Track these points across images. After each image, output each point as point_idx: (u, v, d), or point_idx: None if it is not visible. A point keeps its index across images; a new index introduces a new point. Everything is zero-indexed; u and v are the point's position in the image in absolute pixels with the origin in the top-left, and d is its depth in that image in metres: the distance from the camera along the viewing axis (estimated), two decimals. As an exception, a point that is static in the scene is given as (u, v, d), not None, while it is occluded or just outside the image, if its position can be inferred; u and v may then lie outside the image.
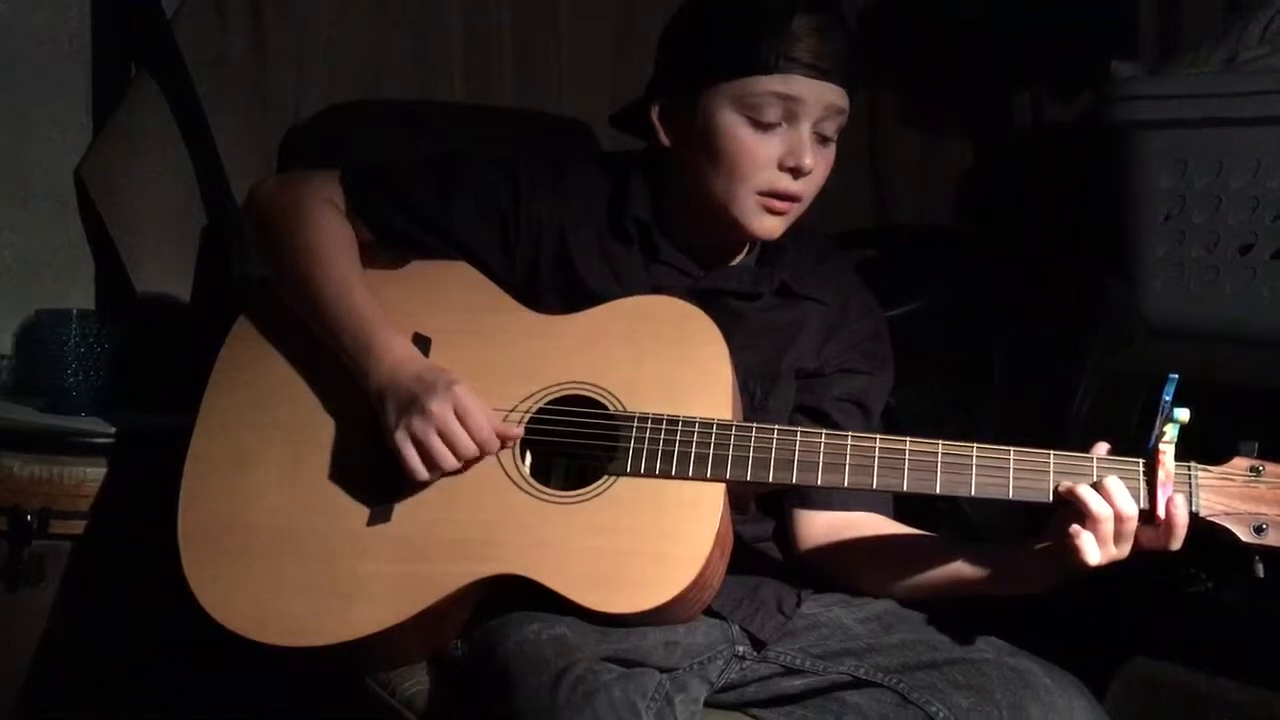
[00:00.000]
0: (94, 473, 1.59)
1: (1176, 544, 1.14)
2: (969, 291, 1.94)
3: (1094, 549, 1.12)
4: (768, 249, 1.38)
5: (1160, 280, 1.87)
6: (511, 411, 1.26)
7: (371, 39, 2.09)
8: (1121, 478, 1.14)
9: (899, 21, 2.46)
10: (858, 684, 1.22)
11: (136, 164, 1.88)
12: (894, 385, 1.42)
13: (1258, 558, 1.15)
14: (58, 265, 1.93)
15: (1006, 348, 1.87)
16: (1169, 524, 1.13)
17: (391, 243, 1.36)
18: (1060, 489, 1.15)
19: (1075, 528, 1.12)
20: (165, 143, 1.88)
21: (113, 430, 1.63)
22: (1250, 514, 1.13)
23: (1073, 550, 1.12)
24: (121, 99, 1.90)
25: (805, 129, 1.26)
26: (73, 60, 1.92)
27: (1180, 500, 1.13)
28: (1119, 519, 1.12)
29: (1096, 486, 1.13)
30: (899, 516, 1.36)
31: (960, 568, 1.27)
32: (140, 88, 1.89)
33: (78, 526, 1.59)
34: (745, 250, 1.39)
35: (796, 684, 1.26)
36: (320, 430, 1.29)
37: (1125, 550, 1.14)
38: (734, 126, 1.27)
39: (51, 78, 1.91)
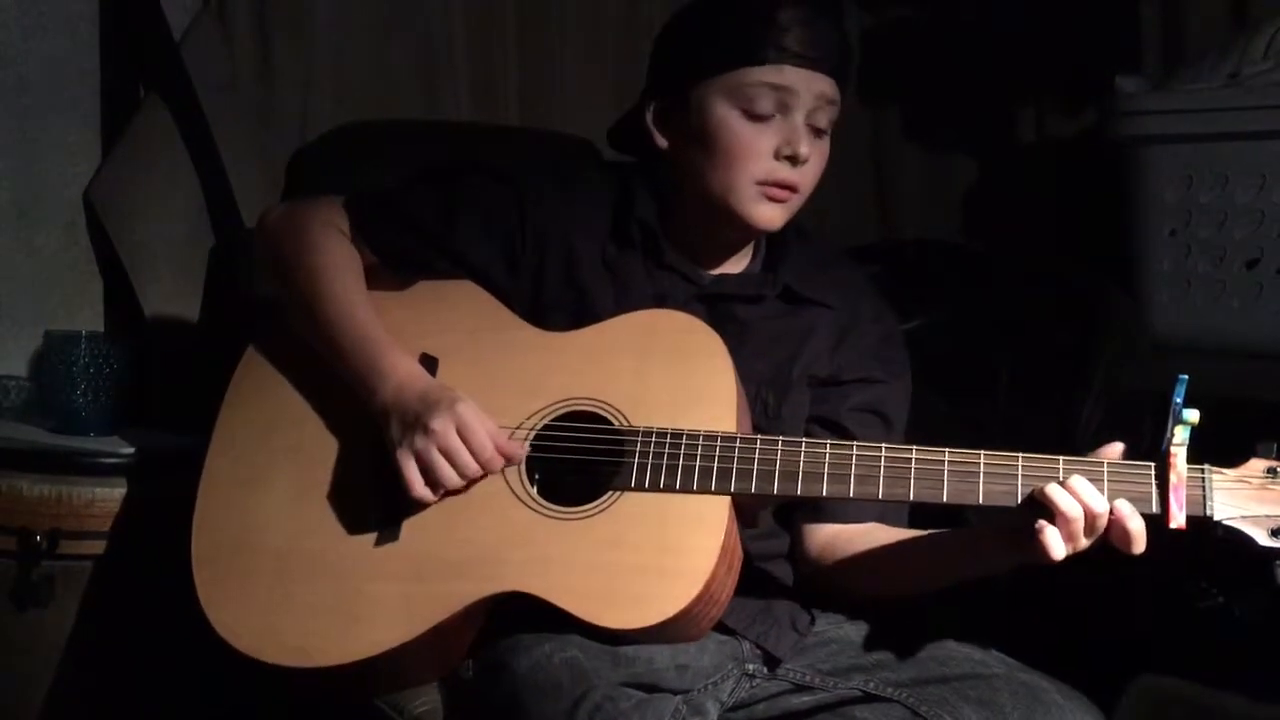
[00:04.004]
0: (103, 493, 1.60)
1: (1138, 548, 1.11)
2: (974, 307, 1.94)
3: (1059, 545, 1.11)
4: (772, 254, 1.39)
5: (1166, 295, 1.87)
6: (517, 428, 1.26)
7: (377, 60, 2.10)
8: (1133, 483, 1.13)
9: (902, 37, 2.47)
10: (868, 699, 1.22)
11: (145, 186, 1.89)
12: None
13: (1278, 563, 1.12)
14: (67, 287, 1.94)
15: (1012, 364, 1.87)
16: (1123, 530, 1.11)
17: (397, 264, 1.36)
18: (1033, 492, 1.13)
19: (1041, 523, 1.11)
20: (174, 165, 1.89)
21: (121, 450, 1.63)
22: (1268, 517, 1.10)
23: (1040, 546, 1.11)
24: (130, 122, 1.91)
25: (799, 119, 1.28)
26: (82, 84, 1.93)
27: (1125, 504, 1.11)
28: (1089, 516, 1.11)
29: (1064, 485, 1.12)
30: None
31: (943, 560, 1.27)
32: (149, 111, 1.90)
33: (87, 547, 1.59)
34: (750, 256, 1.39)
35: (806, 701, 1.25)
36: (329, 452, 1.29)
37: (1088, 544, 1.12)
38: (728, 118, 1.28)
39: (61, 102, 1.92)
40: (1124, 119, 1.88)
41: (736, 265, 1.39)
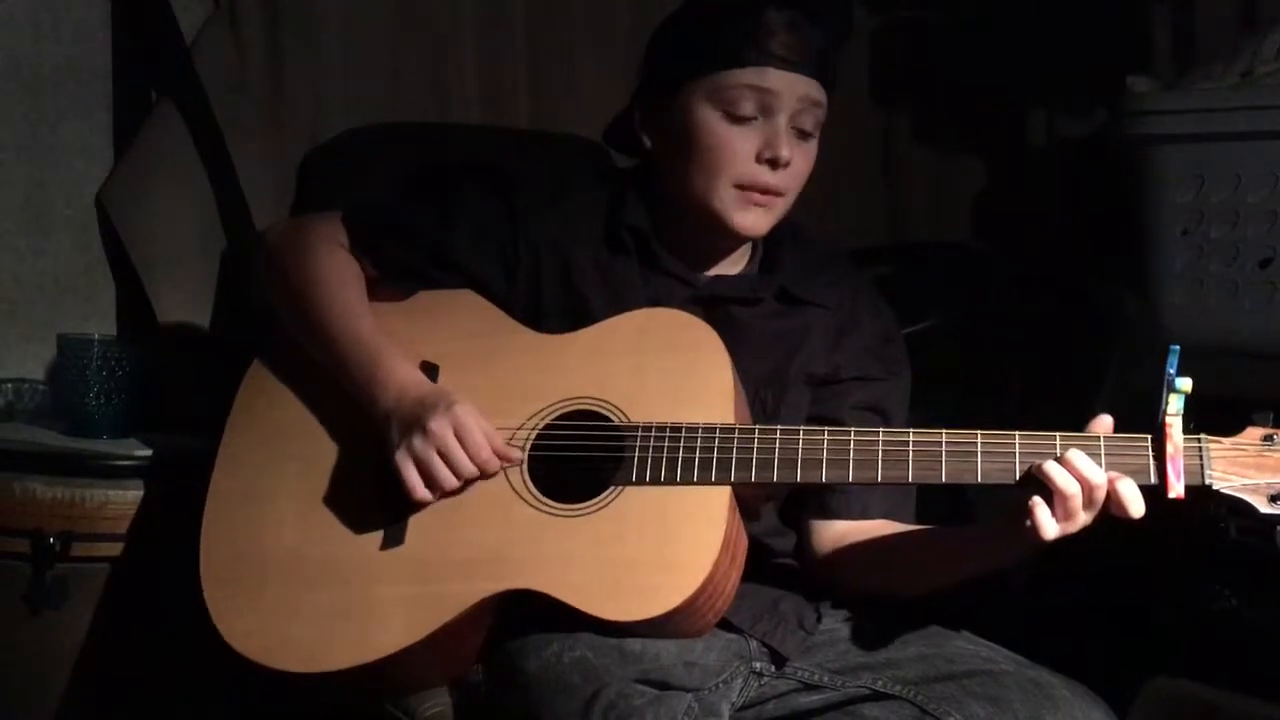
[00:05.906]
0: (116, 495, 1.60)
1: (1137, 512, 1.11)
2: (985, 310, 1.94)
3: (1050, 524, 1.11)
4: (769, 256, 1.40)
5: (1178, 295, 1.87)
6: (518, 430, 1.27)
7: (387, 63, 2.11)
8: (1130, 455, 1.12)
9: (912, 38, 2.47)
10: (876, 697, 1.22)
11: (157, 190, 1.89)
12: (910, 402, 1.42)
13: (1279, 529, 1.13)
14: (80, 290, 1.94)
15: (1024, 365, 1.87)
16: (1119, 500, 1.10)
17: (397, 276, 1.38)
18: (1031, 468, 1.13)
19: (1033, 501, 1.11)
20: (186, 169, 1.89)
21: (135, 453, 1.64)
22: (1267, 484, 1.10)
23: (1031, 525, 1.11)
24: (142, 126, 1.92)
25: (781, 121, 1.28)
26: (94, 88, 1.94)
27: (1125, 480, 1.10)
28: (1087, 489, 1.11)
29: (1060, 461, 1.12)
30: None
31: (947, 551, 1.27)
32: (161, 115, 1.91)
33: (100, 549, 1.59)
34: (746, 259, 1.40)
35: (815, 699, 1.25)
36: (334, 460, 1.31)
37: (1091, 517, 1.12)
38: (710, 120, 1.29)
39: (73, 105, 1.93)
40: (1135, 119, 1.88)
41: (733, 267, 1.39)
